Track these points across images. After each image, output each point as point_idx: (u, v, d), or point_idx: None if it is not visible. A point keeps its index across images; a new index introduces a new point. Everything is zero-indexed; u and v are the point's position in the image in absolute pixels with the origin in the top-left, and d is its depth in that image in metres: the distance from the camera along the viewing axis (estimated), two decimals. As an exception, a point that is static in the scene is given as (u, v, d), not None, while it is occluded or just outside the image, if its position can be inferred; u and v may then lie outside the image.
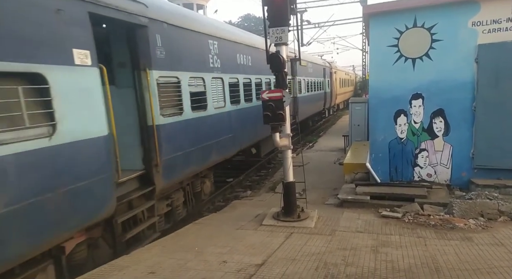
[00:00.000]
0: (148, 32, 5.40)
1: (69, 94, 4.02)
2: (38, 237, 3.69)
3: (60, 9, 3.93)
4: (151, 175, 5.53)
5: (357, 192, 6.82)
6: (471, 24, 6.40)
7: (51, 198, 3.73)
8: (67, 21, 4.02)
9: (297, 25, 6.30)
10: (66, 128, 3.92)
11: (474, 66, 6.46)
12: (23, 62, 3.53)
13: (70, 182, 3.97)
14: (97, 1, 4.41)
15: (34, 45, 3.65)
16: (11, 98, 3.42)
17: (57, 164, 3.84)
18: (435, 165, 7.03)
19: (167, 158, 5.75)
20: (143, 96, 5.42)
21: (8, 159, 3.32)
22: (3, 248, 3.32)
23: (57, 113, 3.82)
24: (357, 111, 11.40)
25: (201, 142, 6.80)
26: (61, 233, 3.97)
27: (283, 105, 5.43)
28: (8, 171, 3.32)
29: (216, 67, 7.57)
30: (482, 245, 4.61)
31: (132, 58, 5.43)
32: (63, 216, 3.92)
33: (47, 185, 3.71)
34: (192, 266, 4.34)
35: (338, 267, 4.14)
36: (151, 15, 5.46)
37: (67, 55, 4.02)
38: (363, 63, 31.27)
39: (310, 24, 25.79)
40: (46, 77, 3.73)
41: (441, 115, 6.82)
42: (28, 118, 3.55)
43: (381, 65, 7.02)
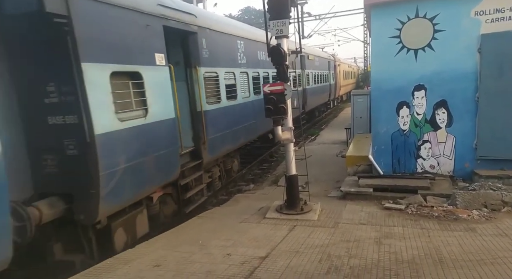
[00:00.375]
0: (197, 37, 6.75)
1: (154, 86, 5.39)
2: (141, 187, 5.22)
3: (148, 24, 5.34)
4: (200, 151, 6.93)
5: (360, 185, 6.83)
6: (474, 13, 6.32)
7: (147, 161, 5.23)
8: (151, 33, 5.45)
9: (298, 17, 6.24)
10: (153, 111, 5.34)
11: (477, 56, 6.40)
12: (130, 64, 5.00)
13: (156, 150, 5.46)
14: (167, 17, 5.88)
15: (134, 52, 5.07)
16: (127, 90, 4.90)
17: (149, 137, 5.29)
18: (438, 156, 7.01)
19: (211, 138, 7.16)
20: (193, 88, 6.81)
21: (125, 132, 4.78)
22: (124, 192, 4.85)
23: (148, 100, 5.25)
24: (359, 103, 11.36)
25: (232, 126, 8.18)
26: (152, 186, 5.51)
27: (284, 98, 5.40)
28: (124, 140, 4.77)
29: (242, 63, 9.00)
30: (486, 236, 4.62)
31: (185, 58, 6.80)
32: (153, 174, 5.43)
33: (144, 151, 5.19)
34: (197, 259, 4.38)
35: (341, 259, 4.16)
36: (199, 23, 6.86)
37: (152, 58, 5.45)
38: (365, 55, 31.08)
39: (310, 16, 25.62)
40: (142, 74, 5.14)
41: (444, 106, 6.78)
42: (134, 103, 5.01)
43: (383, 56, 6.96)
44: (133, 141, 4.94)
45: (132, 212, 5.25)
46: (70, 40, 4.04)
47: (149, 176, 5.32)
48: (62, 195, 4.38)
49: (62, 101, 4.28)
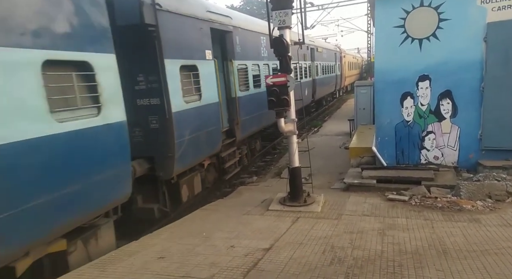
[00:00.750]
0: (232, 35, 8.07)
1: (205, 76, 6.79)
2: (197, 155, 6.74)
3: (201, 27, 6.75)
4: (233, 130, 8.26)
5: (363, 176, 6.81)
6: (480, 1, 6.21)
7: (201, 135, 6.62)
8: (203, 34, 6.83)
9: (301, 7, 6.18)
10: (205, 96, 6.74)
11: (483, 45, 6.30)
12: (191, 59, 6.39)
13: (207, 127, 6.84)
14: (213, 20, 7.21)
15: (193, 49, 6.50)
16: (189, 79, 6.30)
17: (202, 116, 6.67)
18: (442, 147, 6.97)
19: (242, 119, 8.47)
20: (229, 77, 8.14)
21: (188, 112, 6.19)
22: (188, 157, 6.30)
23: (201, 87, 6.65)
24: (363, 95, 11.26)
25: (257, 110, 9.31)
26: (203, 155, 7.02)
27: (287, 90, 5.36)
28: (188, 118, 6.18)
29: (265, 56, 10.43)
30: (490, 226, 4.60)
31: (222, 53, 8.04)
32: (205, 146, 6.87)
33: (199, 127, 6.57)
34: (201, 251, 4.41)
35: (345, 250, 4.17)
36: (233, 24, 8.18)
37: (204, 54, 6.80)
38: (368, 45, 30.73)
39: (313, 6, 25.27)
40: (198, 66, 6.55)
41: (449, 97, 6.71)
42: (194, 90, 6.46)
43: (387, 46, 6.87)
44: (193, 119, 6.39)
45: (191, 174, 6.83)
46: (157, 43, 5.49)
47: (202, 147, 6.85)
48: (146, 158, 5.80)
49: (149, 88, 5.76)
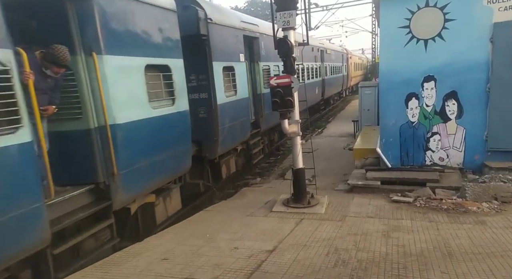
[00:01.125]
0: (259, 40, 9.31)
1: (239, 75, 8.01)
2: (234, 140, 7.95)
3: (237, 35, 8.08)
4: (259, 122, 9.52)
5: (368, 178, 6.78)
6: (486, 1, 6.15)
7: (236, 124, 7.81)
8: (238, 40, 8.14)
9: (305, 8, 6.15)
10: (239, 92, 7.96)
11: (489, 46, 6.25)
12: (230, 61, 7.61)
13: (240, 118, 8.00)
14: (245, 29, 8.51)
15: (231, 53, 7.74)
16: (229, 77, 7.64)
17: (237, 108, 7.84)
18: (448, 148, 6.91)
19: (266, 113, 9.55)
20: (255, 76, 9.37)
21: (228, 104, 7.37)
22: (227, 142, 7.50)
23: (236, 85, 7.88)
24: (367, 95, 11.22)
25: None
26: (238, 141, 8.23)
27: (291, 91, 5.35)
28: (227, 109, 7.34)
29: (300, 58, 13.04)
30: (496, 229, 4.56)
31: (250, 56, 9.19)
32: (238, 133, 8.09)
33: (235, 118, 7.72)
34: (204, 252, 4.41)
35: (349, 252, 4.15)
36: (260, 30, 9.43)
37: (239, 57, 8.09)
38: (373, 46, 30.63)
39: (318, 7, 25.25)
40: (234, 67, 7.78)
41: (454, 98, 6.65)
42: (232, 87, 7.74)
43: (391, 47, 6.84)
44: (231, 110, 7.55)
45: (228, 156, 8.06)
46: (207, 49, 6.76)
47: (236, 134, 8.03)
48: (194, 141, 6.57)
49: (199, 85, 6.95)
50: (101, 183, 4.42)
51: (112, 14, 4.41)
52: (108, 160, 4.38)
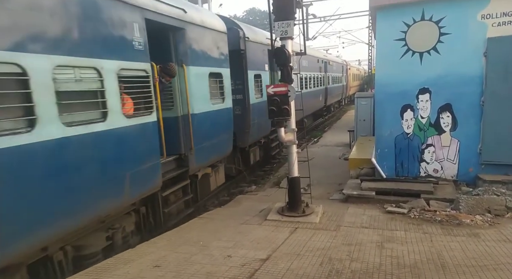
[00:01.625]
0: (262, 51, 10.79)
1: (264, 81, 9.95)
2: (260, 134, 9.96)
3: (264, 49, 9.97)
4: None
5: (363, 188, 6.79)
6: (480, 17, 6.28)
7: (261, 121, 9.47)
8: (264, 53, 10.05)
9: (303, 18, 6.23)
10: (264, 95, 9.37)
11: (483, 60, 6.35)
12: (259, 70, 9.67)
13: (264, 116, 7.38)
14: (269, 45, 8.37)
15: (259, 64, 9.79)
16: (258, 83, 9.63)
17: (262, 108, 9.02)
18: (442, 160, 6.96)
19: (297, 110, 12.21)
20: (274, 82, 10.50)
21: (257, 104, 9.35)
22: (255, 135, 9.51)
23: (262, 89, 9.63)
24: (363, 106, 11.31)
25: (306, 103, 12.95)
26: (262, 135, 10.28)
27: (288, 99, 5.38)
28: (256, 108, 9.24)
29: (308, 68, 16.51)
30: (489, 241, 4.57)
31: (270, 66, 10.63)
32: (263, 129, 10.04)
33: (261, 115, 9.21)
34: (197, 260, 4.36)
35: (343, 262, 4.13)
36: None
37: (264, 66, 10.10)
38: (369, 57, 30.97)
39: (315, 17, 25.55)
40: (261, 75, 9.82)
41: (449, 110, 6.73)
42: (259, 90, 9.62)
43: (387, 59, 6.93)
44: (258, 109, 9.31)
45: (255, 146, 9.97)
46: (244, 60, 8.78)
47: (261, 129, 9.90)
48: None
49: (236, 88, 8.73)
50: (183, 154, 6.26)
51: (193, 37, 6.35)
52: (188, 139, 6.24)
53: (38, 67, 3.46)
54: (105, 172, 4.32)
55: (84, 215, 4.09)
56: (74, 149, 3.84)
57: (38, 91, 3.44)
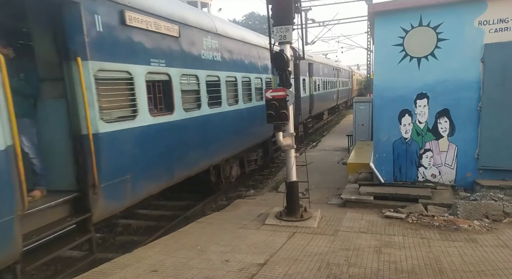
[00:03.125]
0: (313, 65, 17.21)
1: (306, 84, 16.35)
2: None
3: (307, 63, 16.29)
4: (312, 110, 17.64)
5: (361, 192, 6.79)
6: (477, 23, 6.33)
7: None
8: (306, 65, 16.08)
9: (302, 23, 6.28)
10: (305, 92, 16.02)
11: (480, 65, 6.39)
12: (303, 76, 15.10)
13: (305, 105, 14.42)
14: (308, 60, 16.43)
15: (303, 72, 14.78)
16: (304, 85, 16.01)
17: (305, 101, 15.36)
18: (440, 165, 6.97)
19: (315, 106, 17.62)
20: (310, 85, 17.00)
21: (305, 98, 16.11)
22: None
23: (306, 88, 16.11)
24: (361, 111, 11.34)
25: (320, 101, 19.37)
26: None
27: (286, 104, 5.40)
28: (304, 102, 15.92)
29: (323, 74, 20.73)
30: (487, 247, 4.57)
31: (309, 74, 16.45)
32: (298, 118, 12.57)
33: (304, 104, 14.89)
34: (194, 264, 4.34)
35: (340, 267, 4.12)
36: (313, 59, 17.71)
37: (306, 74, 16.19)
38: (368, 62, 31.11)
39: (314, 22, 25.64)
40: (306, 80, 16.19)
41: (446, 115, 6.76)
42: (306, 89, 16.41)
43: (385, 64, 6.96)
44: (304, 102, 13.63)
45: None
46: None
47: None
48: None
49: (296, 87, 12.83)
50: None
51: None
52: None
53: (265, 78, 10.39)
54: None
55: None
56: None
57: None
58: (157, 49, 5.55)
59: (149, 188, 5.53)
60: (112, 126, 4.66)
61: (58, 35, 4.25)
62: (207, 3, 18.02)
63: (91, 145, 4.27)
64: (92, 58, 4.33)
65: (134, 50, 5.08)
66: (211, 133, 7.26)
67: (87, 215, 4.41)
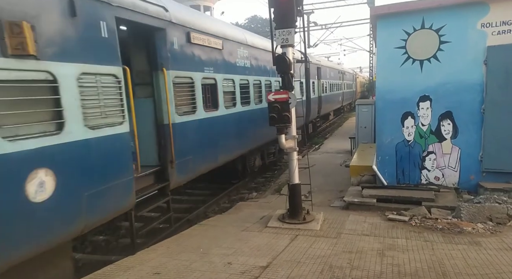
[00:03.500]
0: (321, 69, 19.19)
1: (315, 86, 17.99)
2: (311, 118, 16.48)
3: (316, 68, 18.24)
4: (320, 109, 19.01)
5: (364, 195, 6.77)
6: (480, 25, 6.32)
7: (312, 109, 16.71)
8: (316, 70, 17.87)
9: (304, 26, 6.29)
10: (314, 94, 17.37)
11: (483, 68, 6.38)
12: (314, 79, 17.44)
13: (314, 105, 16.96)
14: (317, 64, 18.48)
15: (313, 75, 17.12)
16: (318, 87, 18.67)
17: (314, 102, 17.29)
18: (443, 168, 6.95)
19: (323, 107, 19.39)
20: (318, 87, 18.36)
21: (315, 99, 17.79)
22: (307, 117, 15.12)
23: (315, 90, 17.63)
24: (364, 113, 11.32)
25: (329, 102, 21.45)
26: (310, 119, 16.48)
27: (288, 106, 5.41)
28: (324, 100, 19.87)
29: (330, 77, 22.41)
30: (491, 250, 4.54)
31: (318, 77, 18.04)
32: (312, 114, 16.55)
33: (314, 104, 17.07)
34: (197, 267, 4.35)
35: (343, 270, 4.11)
36: (321, 64, 19.82)
37: (315, 77, 17.70)
38: (370, 65, 31.10)
39: (317, 25, 25.72)
40: (315, 82, 17.91)
41: (449, 118, 6.74)
42: (316, 91, 18.23)
43: (388, 66, 6.97)
44: (313, 102, 16.02)
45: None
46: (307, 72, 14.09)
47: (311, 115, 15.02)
48: None
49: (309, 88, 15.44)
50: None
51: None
52: None
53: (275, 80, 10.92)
54: None
55: None
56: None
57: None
58: (208, 59, 7.10)
59: (202, 167, 6.97)
60: (182, 118, 6.20)
61: (150, 52, 5.79)
62: (210, 7, 18.11)
63: (170, 132, 5.79)
64: (172, 68, 5.88)
65: (195, 60, 6.66)
66: (242, 127, 8.59)
67: (167, 183, 5.95)
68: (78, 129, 3.95)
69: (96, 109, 4.26)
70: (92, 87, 4.20)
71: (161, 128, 5.79)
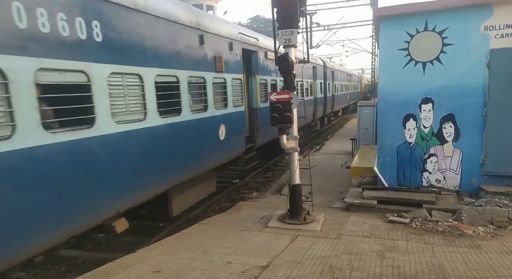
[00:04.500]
0: (334, 72, 23.64)
1: (328, 86, 21.88)
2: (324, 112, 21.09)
3: (325, 71, 21.03)
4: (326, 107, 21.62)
5: (364, 196, 6.77)
6: (483, 28, 6.31)
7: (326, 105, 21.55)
8: (325, 72, 20.80)
9: (306, 27, 6.29)
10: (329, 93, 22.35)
11: (486, 71, 6.37)
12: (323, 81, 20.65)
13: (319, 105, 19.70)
14: (330, 68, 22.62)
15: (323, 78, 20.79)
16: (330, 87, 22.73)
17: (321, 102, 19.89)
18: (444, 170, 6.94)
19: (335, 104, 23.90)
20: (332, 87, 22.74)
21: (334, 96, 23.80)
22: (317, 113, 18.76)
23: (327, 89, 21.55)
24: (366, 115, 11.32)
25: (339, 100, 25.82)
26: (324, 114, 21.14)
27: (290, 107, 5.41)
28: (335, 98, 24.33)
29: (340, 79, 26.55)
30: (491, 253, 4.53)
31: (324, 79, 20.27)
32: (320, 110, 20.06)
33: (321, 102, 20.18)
34: (197, 266, 4.35)
35: (343, 271, 4.11)
36: (333, 68, 23.84)
37: (326, 79, 21.34)
38: (372, 66, 31.06)
39: (319, 26, 25.72)
40: (322, 83, 20.57)
41: (451, 120, 6.73)
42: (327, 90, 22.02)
43: (390, 68, 6.96)
44: (320, 102, 18.66)
45: None
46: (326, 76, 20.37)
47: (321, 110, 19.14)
48: None
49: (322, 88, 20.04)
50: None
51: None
52: None
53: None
54: None
55: None
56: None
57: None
58: (269, 67, 10.77)
59: (266, 139, 10.51)
60: (262, 105, 10.06)
61: (249, 64, 9.62)
62: (213, 6, 18.11)
63: (258, 112, 9.81)
64: (258, 74, 9.94)
65: (266, 69, 10.65)
66: None
67: (253, 144, 9.83)
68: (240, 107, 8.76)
69: (238, 97, 8.58)
70: (237, 85, 8.55)
71: (252, 110, 9.74)
